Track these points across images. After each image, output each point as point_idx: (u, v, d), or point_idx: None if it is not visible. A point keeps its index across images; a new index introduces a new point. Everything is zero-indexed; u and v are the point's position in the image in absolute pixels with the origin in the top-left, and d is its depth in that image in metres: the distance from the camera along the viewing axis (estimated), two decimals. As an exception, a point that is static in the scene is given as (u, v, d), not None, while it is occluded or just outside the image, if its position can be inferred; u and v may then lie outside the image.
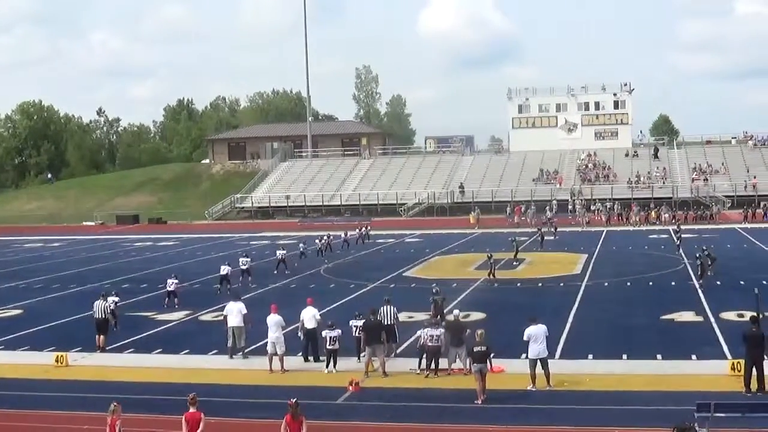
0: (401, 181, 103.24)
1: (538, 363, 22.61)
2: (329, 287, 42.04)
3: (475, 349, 22.25)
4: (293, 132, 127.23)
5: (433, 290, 30.84)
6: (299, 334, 26.40)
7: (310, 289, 41.70)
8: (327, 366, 25.03)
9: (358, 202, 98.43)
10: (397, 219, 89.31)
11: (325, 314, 31.51)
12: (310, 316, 26.64)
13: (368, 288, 41.31)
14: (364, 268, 49.40)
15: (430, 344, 24.27)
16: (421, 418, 20.46)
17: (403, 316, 31.39)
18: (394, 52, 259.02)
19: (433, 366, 24.33)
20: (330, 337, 25.00)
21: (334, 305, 36.28)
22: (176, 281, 38.96)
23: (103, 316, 29.37)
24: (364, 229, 68.90)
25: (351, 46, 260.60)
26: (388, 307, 26.52)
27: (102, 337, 29.11)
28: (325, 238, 58.65)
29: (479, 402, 21.48)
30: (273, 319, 25.86)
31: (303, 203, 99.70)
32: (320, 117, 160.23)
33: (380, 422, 20.30)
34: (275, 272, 47.18)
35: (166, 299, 37.92)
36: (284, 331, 25.90)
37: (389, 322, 26.05)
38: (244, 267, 44.33)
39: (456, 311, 27.36)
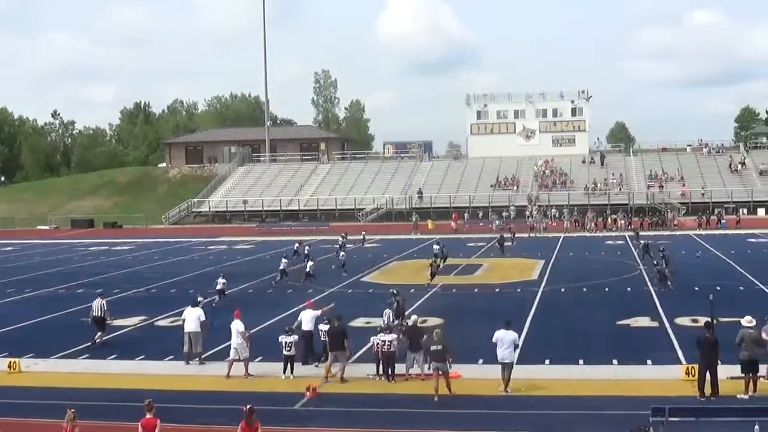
0: (359, 187, 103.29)
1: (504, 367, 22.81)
2: (287, 293, 41.90)
3: (432, 348, 22.56)
4: (251, 136, 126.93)
5: (392, 291, 31.21)
6: (285, 339, 25.97)
7: (268, 294, 41.61)
8: (284, 372, 24.94)
9: (316, 207, 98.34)
10: (355, 224, 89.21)
11: (282, 320, 31.62)
12: (309, 318, 26.78)
13: (326, 293, 41.20)
14: (321, 273, 49.19)
15: (383, 350, 24.34)
16: (378, 423, 20.42)
17: (360, 322, 31.55)
18: (352, 57, 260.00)
19: (389, 372, 24.32)
20: (286, 343, 24.90)
21: (292, 310, 36.13)
22: (224, 281, 39.98)
23: (100, 314, 30.49)
24: (362, 234, 68.34)
25: (310, 51, 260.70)
26: (387, 311, 28.01)
27: (99, 333, 30.13)
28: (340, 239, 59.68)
29: (436, 397, 21.96)
30: (236, 325, 25.78)
31: (261, 208, 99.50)
32: (279, 121, 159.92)
33: (337, 428, 20.22)
34: (274, 283, 45.64)
35: (216, 297, 38.83)
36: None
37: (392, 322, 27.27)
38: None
39: (414, 317, 27.41)
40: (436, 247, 51.21)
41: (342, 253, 52.37)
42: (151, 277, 49.57)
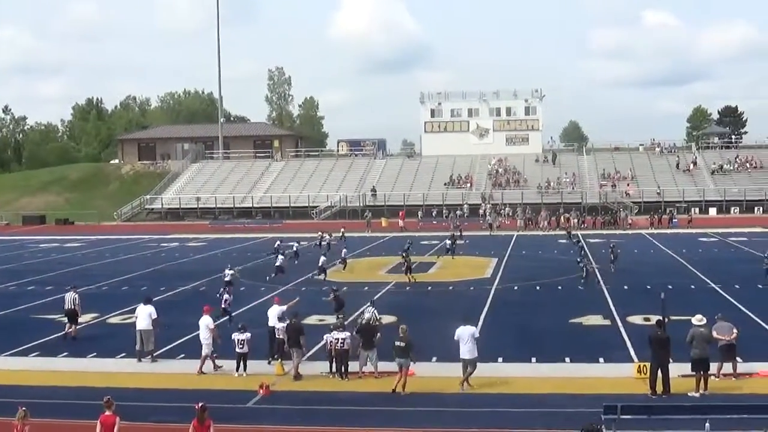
0: (313, 184, 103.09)
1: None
2: (240, 290, 41.70)
3: (396, 343, 22.82)
4: (205, 133, 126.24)
5: (332, 287, 32.55)
6: (237, 336, 25.84)
7: (221, 292, 41.24)
8: (237, 369, 24.83)
9: (270, 205, 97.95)
10: (309, 222, 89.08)
11: (235, 317, 31.56)
12: (274, 314, 26.81)
13: (279, 291, 41.04)
14: (275, 270, 49.11)
15: (337, 348, 24.36)
16: (332, 421, 20.40)
17: (314, 319, 31.49)
18: (306, 54, 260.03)
19: (343, 369, 24.34)
20: (239, 340, 24.80)
21: (246, 308, 36.05)
22: (232, 272, 40.41)
23: (72, 307, 31.04)
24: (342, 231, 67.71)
25: (264, 48, 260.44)
26: (371, 308, 28.06)
27: (73, 326, 30.69)
28: (326, 236, 59.45)
29: (394, 391, 22.40)
30: (204, 321, 25.74)
31: (214, 205, 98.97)
32: (232, 118, 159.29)
33: (290, 425, 20.19)
34: (269, 277, 45.48)
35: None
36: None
37: (374, 323, 27.06)
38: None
39: (367, 314, 27.44)
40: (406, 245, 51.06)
41: (344, 249, 52.30)
42: (102, 274, 49.13)
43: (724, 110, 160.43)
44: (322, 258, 47.16)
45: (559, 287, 41.24)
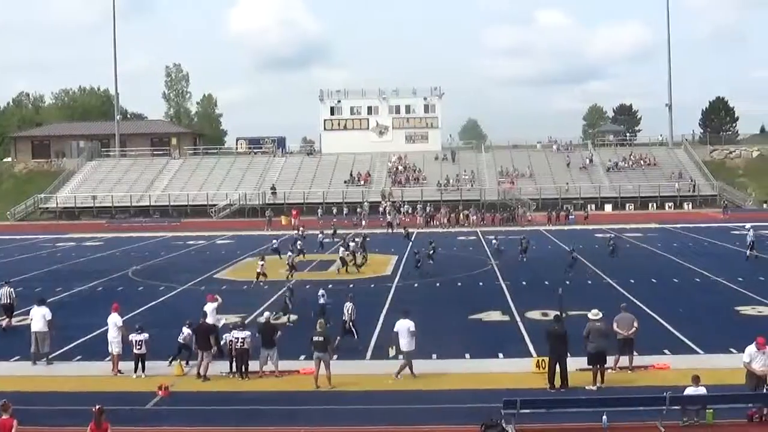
0: (212, 182, 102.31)
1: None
2: (138, 290, 41.21)
3: (315, 338, 22.95)
4: (101, 131, 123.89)
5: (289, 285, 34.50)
6: (135, 338, 25.37)
7: (118, 291, 40.72)
8: (135, 371, 24.50)
9: (167, 203, 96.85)
10: (207, 220, 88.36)
11: (133, 318, 31.07)
12: (210, 311, 26.91)
13: (177, 291, 40.69)
14: (174, 270, 48.63)
15: (237, 347, 24.21)
16: (232, 421, 20.26)
17: (212, 319, 31.11)
18: (205, 50, 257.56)
19: (243, 369, 24.22)
20: (136, 341, 24.48)
21: (144, 308, 35.60)
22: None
23: (9, 301, 32.58)
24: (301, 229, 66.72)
25: (161, 44, 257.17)
26: (349, 303, 28.05)
27: (9, 319, 31.99)
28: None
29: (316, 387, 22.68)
30: (113, 319, 25.39)
31: (110, 204, 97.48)
32: (129, 116, 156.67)
33: (190, 426, 20.01)
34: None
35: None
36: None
37: (350, 319, 27.52)
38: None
39: (267, 313, 27.34)
40: (351, 244, 50.82)
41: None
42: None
43: (619, 108, 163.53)
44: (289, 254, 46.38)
45: (459, 284, 41.56)
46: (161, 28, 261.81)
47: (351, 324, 27.60)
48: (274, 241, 55.83)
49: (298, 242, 53.36)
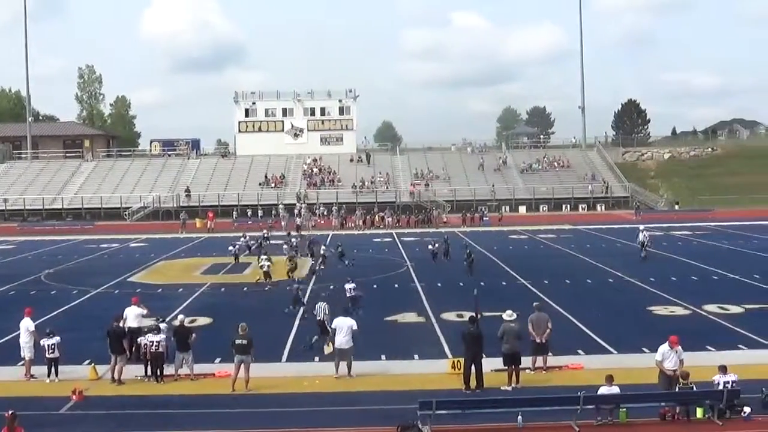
0: (126, 185, 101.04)
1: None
2: (50, 293, 40.55)
3: (237, 341, 22.90)
4: (12, 132, 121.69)
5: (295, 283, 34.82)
6: (47, 342, 24.93)
7: (31, 295, 40.01)
8: (48, 375, 24.09)
9: (80, 206, 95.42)
10: (121, 223, 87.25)
11: (46, 322, 30.52)
12: (133, 315, 26.19)
13: (91, 294, 40.13)
14: (87, 273, 47.93)
15: (152, 351, 23.96)
16: (147, 425, 20.03)
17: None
18: (118, 51, 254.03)
19: (158, 372, 23.94)
20: (48, 345, 24.07)
21: (56, 312, 35.04)
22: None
23: None
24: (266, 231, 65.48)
25: (74, 45, 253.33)
26: (323, 303, 28.54)
27: None
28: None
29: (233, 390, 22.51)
30: (25, 324, 24.95)
31: (22, 207, 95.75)
32: (41, 117, 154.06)
33: (104, 431, 19.76)
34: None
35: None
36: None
37: (322, 318, 27.87)
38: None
39: (181, 316, 27.10)
40: (323, 247, 50.35)
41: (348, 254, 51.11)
42: None
43: (533, 111, 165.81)
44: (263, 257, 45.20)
45: (375, 285, 41.56)
46: (74, 29, 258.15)
47: (326, 322, 27.60)
48: (232, 246, 54.08)
49: (285, 245, 52.62)
